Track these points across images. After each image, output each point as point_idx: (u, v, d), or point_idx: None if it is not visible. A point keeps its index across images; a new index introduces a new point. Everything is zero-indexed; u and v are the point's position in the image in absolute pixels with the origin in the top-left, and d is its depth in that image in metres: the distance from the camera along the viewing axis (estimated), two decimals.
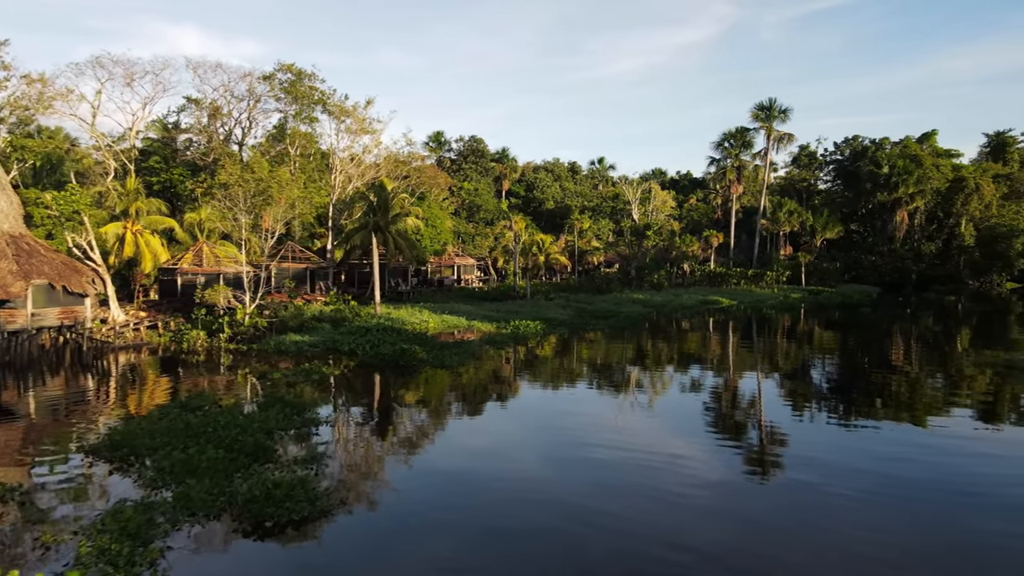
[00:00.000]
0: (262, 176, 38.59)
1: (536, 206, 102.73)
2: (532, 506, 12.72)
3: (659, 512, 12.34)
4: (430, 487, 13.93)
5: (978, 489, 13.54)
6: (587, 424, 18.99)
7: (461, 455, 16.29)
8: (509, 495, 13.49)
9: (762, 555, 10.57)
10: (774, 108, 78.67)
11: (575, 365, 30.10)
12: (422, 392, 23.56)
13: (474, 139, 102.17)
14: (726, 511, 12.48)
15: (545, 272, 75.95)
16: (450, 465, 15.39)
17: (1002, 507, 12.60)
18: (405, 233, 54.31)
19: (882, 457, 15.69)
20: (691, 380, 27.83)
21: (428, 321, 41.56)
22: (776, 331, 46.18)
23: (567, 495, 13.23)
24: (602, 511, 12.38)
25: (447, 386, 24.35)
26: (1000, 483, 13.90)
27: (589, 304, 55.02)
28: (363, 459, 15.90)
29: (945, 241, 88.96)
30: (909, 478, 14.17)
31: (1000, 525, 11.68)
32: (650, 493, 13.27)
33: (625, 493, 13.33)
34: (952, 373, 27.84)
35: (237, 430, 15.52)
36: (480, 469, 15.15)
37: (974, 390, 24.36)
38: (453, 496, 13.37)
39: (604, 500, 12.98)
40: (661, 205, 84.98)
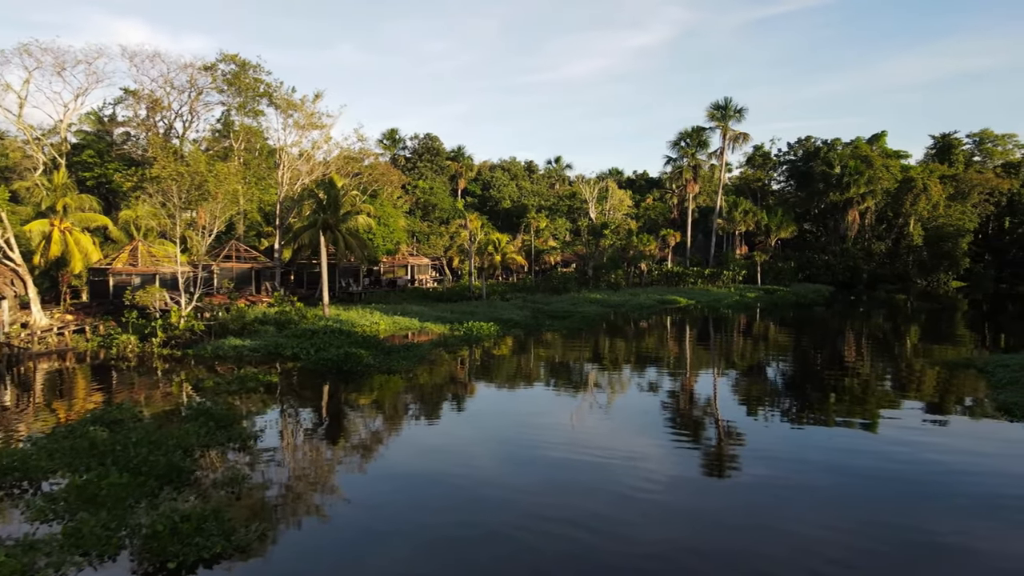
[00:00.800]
0: (199, 169, 36.28)
1: (492, 205, 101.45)
2: (488, 508, 12.43)
3: (616, 510, 12.26)
4: (370, 509, 12.54)
5: (927, 478, 14.21)
6: (542, 429, 17.74)
7: (408, 466, 14.86)
8: (459, 502, 12.65)
9: (717, 551, 10.70)
10: (730, 107, 78.86)
11: (530, 367, 28.86)
12: (366, 400, 22.00)
13: (429, 137, 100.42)
14: (682, 508, 12.60)
15: (502, 272, 74.66)
16: (393, 483, 13.95)
17: (947, 496, 13.24)
18: (356, 232, 52.42)
19: (834, 452, 16.09)
20: (648, 380, 27.12)
21: (379, 323, 39.90)
22: (733, 330, 45.78)
23: (522, 498, 12.94)
24: (560, 511, 12.24)
25: (394, 392, 22.84)
26: (947, 472, 14.67)
27: (546, 304, 53.95)
28: (296, 477, 14.28)
29: (894, 241, 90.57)
30: (860, 472, 14.51)
31: (945, 515, 12.26)
32: (607, 492, 13.19)
33: (582, 493, 13.22)
34: (903, 370, 27.48)
35: (148, 449, 13.79)
36: (429, 478, 13.79)
37: (923, 386, 24.07)
38: (398, 517, 11.96)
39: (561, 500, 12.86)
40: (618, 204, 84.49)
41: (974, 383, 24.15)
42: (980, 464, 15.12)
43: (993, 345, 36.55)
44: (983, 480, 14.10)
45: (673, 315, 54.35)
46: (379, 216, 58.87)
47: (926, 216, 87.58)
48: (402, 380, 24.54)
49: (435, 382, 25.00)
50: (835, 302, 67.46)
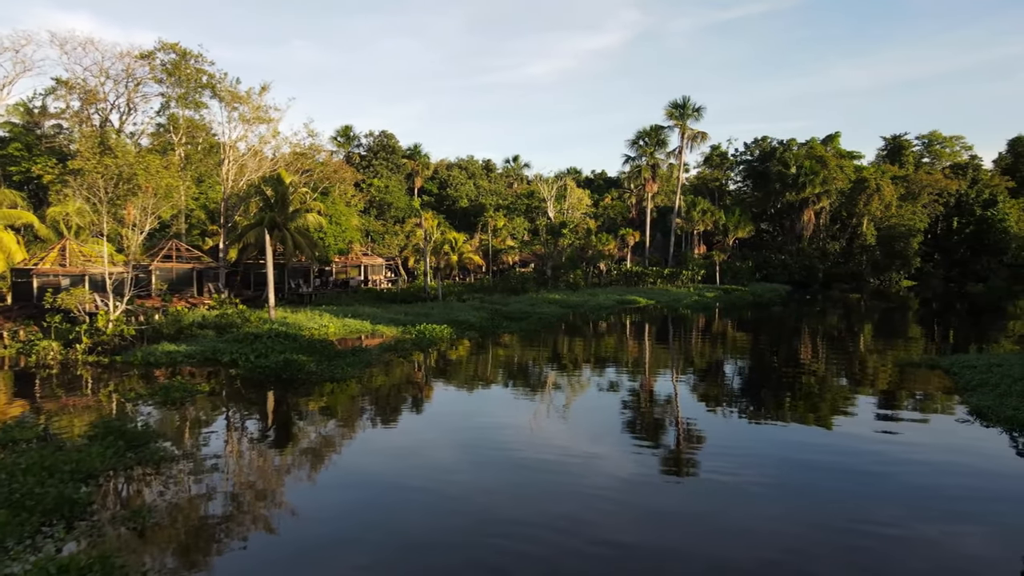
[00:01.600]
0: (127, 161, 33.78)
1: (450, 204, 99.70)
2: (444, 512, 12.11)
3: (578, 509, 12.24)
4: (317, 523, 10.96)
5: (876, 470, 14.53)
6: (496, 435, 16.28)
7: (349, 483, 13.24)
8: (414, 509, 10.88)
9: (675, 545, 10.88)
10: (688, 106, 78.63)
11: (486, 370, 27.36)
12: (305, 411, 20.23)
13: (384, 134, 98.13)
14: (642, 505, 12.63)
15: (459, 272, 73.03)
16: (327, 509, 12.30)
17: (895, 488, 13.49)
18: (306, 231, 50.33)
19: (790, 449, 16.36)
20: (608, 381, 26.12)
21: (328, 326, 37.98)
22: (692, 330, 45.07)
23: (480, 499, 12.77)
24: (520, 512, 12.18)
25: (336, 402, 21.08)
26: (895, 465, 14.92)
27: (503, 305, 52.55)
28: (217, 502, 12.52)
29: (848, 240, 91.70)
30: (815, 468, 14.84)
31: (892, 508, 12.40)
32: (568, 492, 13.19)
33: (542, 493, 13.17)
34: (867, 372, 26.81)
35: (39, 477, 11.89)
36: (377, 493, 12.21)
37: (890, 388, 23.34)
38: (349, 531, 10.37)
39: (521, 501, 12.77)
40: (577, 203, 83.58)
41: (941, 385, 23.51)
42: (956, 468, 14.25)
43: (947, 343, 36.47)
44: (963, 484, 13.60)
45: (632, 315, 53.50)
46: (330, 215, 56.78)
47: (879, 216, 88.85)
48: (346, 388, 22.81)
49: (382, 389, 23.32)
50: (791, 301, 67.65)
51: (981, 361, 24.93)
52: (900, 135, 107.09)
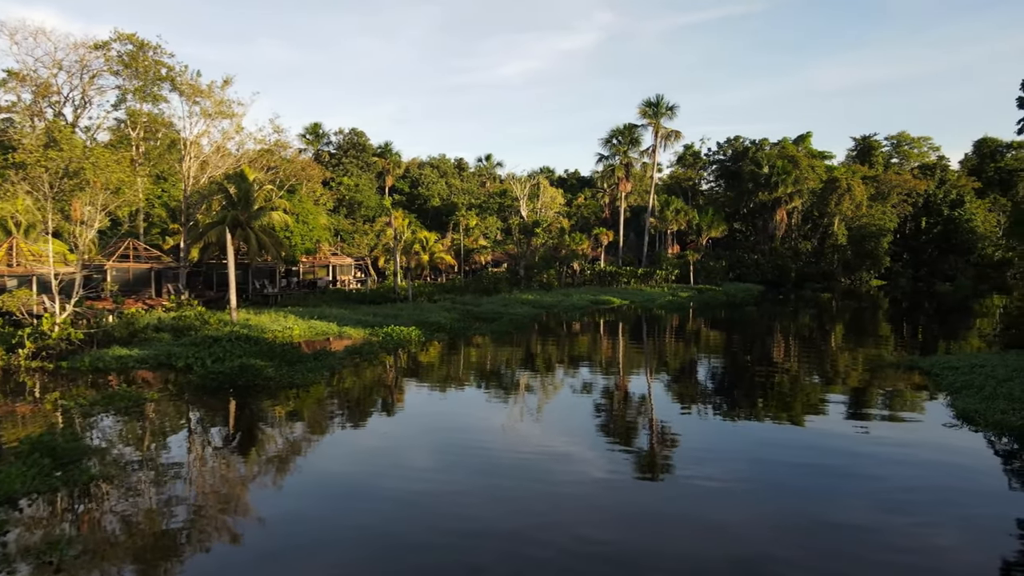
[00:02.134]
0: (74, 155, 31.95)
1: (421, 203, 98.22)
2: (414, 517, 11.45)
3: (548, 509, 12.13)
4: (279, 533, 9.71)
5: (844, 470, 14.51)
6: (465, 445, 15.18)
7: (303, 506, 12.04)
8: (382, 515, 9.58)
9: (647, 542, 10.82)
10: (661, 105, 78.18)
11: (455, 374, 26.19)
12: (257, 421, 18.90)
13: (354, 132, 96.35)
14: (614, 504, 12.55)
15: (430, 272, 71.71)
16: (280, 525, 11.08)
17: (863, 487, 13.39)
18: (271, 229, 48.69)
19: (761, 448, 16.22)
20: (582, 382, 25.41)
21: (293, 328, 36.51)
22: (666, 331, 44.45)
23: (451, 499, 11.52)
24: (491, 511, 12.07)
25: (292, 411, 19.77)
26: (864, 463, 14.87)
27: (475, 306, 51.43)
28: (149, 528, 11.22)
29: (820, 240, 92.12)
30: (785, 467, 14.77)
31: (860, 505, 12.32)
32: (540, 491, 13.06)
33: (513, 495, 12.87)
34: (848, 374, 26.17)
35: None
36: (339, 504, 11.03)
37: (871, 392, 22.76)
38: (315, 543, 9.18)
39: (492, 501, 12.60)
40: (550, 202, 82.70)
41: (924, 388, 22.91)
42: (950, 474, 13.50)
43: (919, 342, 36.23)
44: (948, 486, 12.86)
45: (607, 316, 52.74)
46: (297, 213, 55.13)
47: (850, 216, 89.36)
48: (306, 395, 21.50)
49: (344, 396, 22.04)
50: (765, 301, 67.53)
51: (962, 362, 24.41)
52: (870, 136, 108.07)
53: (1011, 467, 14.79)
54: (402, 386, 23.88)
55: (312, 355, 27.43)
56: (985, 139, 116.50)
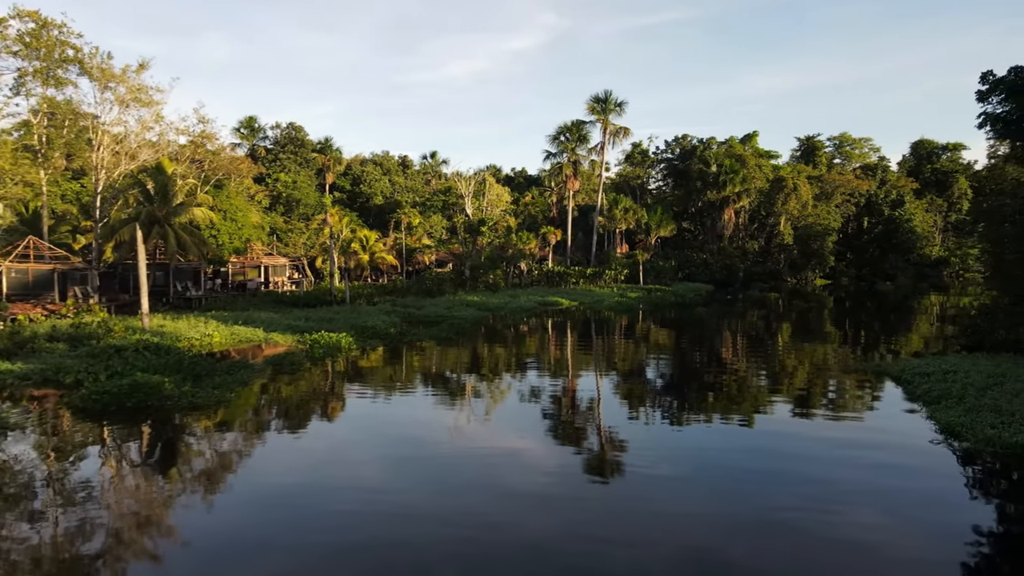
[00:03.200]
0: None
1: (363, 201, 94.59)
2: None
3: (495, 507, 12.10)
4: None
5: (783, 467, 14.44)
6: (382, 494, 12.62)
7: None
8: None
9: (595, 539, 10.73)
10: (610, 101, 76.54)
11: (383, 389, 23.43)
12: (142, 453, 15.85)
13: (292, 127, 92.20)
14: (563, 503, 12.43)
15: (371, 273, 68.45)
16: None
17: (804, 483, 13.42)
18: (193, 227, 44.92)
19: (708, 446, 16.20)
20: (529, 388, 23.58)
21: (213, 335, 33.15)
22: (615, 333, 42.61)
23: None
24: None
25: (182, 442, 16.66)
26: (804, 461, 14.98)
27: (417, 308, 48.65)
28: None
29: (767, 239, 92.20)
30: (729, 464, 14.69)
31: (796, 500, 12.41)
32: (490, 491, 12.92)
33: (461, 495, 12.68)
34: (816, 384, 24.37)
35: None
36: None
37: (844, 403, 20.99)
38: None
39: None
40: (496, 200, 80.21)
41: (895, 396, 21.27)
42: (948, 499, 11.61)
43: (876, 344, 35.18)
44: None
45: (555, 317, 50.61)
46: (225, 210, 51.32)
47: (796, 215, 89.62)
48: (202, 418, 18.34)
49: (245, 419, 18.99)
50: (714, 301, 66.66)
51: (932, 367, 22.87)
52: (813, 136, 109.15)
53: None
54: (323, 405, 20.94)
55: (225, 368, 24.26)
56: (922, 141, 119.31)
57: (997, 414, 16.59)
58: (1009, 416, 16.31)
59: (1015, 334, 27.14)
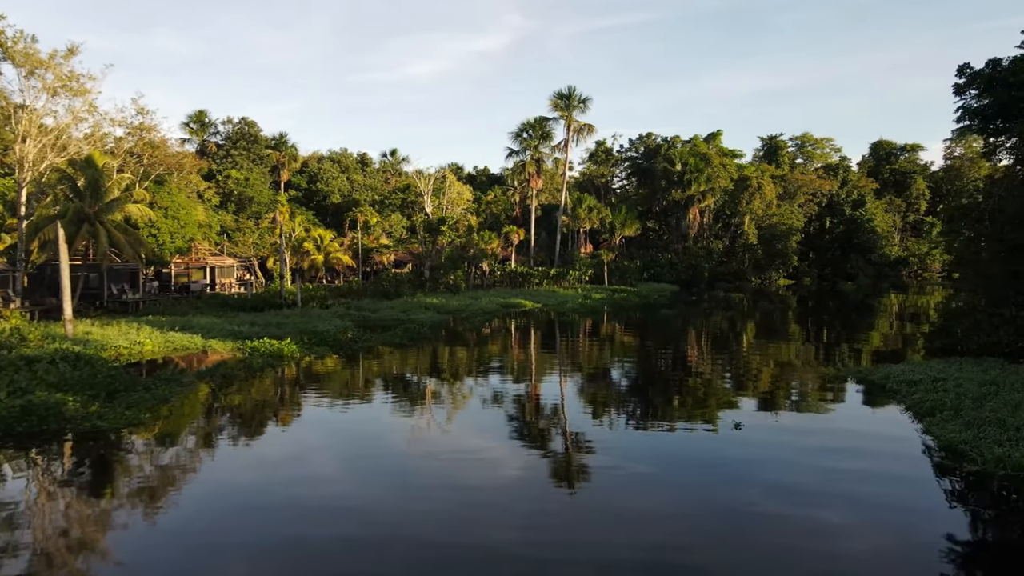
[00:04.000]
0: None
1: (320, 200, 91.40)
2: None
3: (457, 511, 11.73)
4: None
5: (742, 466, 14.33)
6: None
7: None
8: None
9: (558, 542, 10.50)
10: (573, 97, 74.82)
11: (323, 407, 21.13)
12: (37, 488, 13.35)
13: (245, 122, 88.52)
14: (526, 504, 12.21)
15: (326, 274, 65.66)
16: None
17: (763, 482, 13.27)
18: (128, 225, 41.81)
19: (671, 447, 16.20)
20: (492, 393, 22.23)
21: (145, 343, 30.48)
22: (579, 335, 40.87)
23: None
24: None
25: (45, 489, 14.12)
26: (763, 460, 14.86)
27: (373, 311, 46.26)
28: None
29: (731, 239, 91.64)
30: (692, 463, 14.73)
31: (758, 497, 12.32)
32: (451, 494, 12.54)
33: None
34: (802, 394, 22.80)
35: None
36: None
37: (833, 415, 19.38)
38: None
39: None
40: (457, 198, 77.86)
41: (885, 407, 19.73)
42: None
43: (850, 347, 34.02)
44: None
45: (518, 320, 48.66)
46: (166, 207, 48.15)
47: (760, 215, 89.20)
48: (99, 447, 15.79)
49: (154, 448, 16.50)
50: (679, 302, 65.54)
51: (919, 374, 21.43)
52: (776, 135, 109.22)
53: None
54: (250, 429, 18.47)
55: (146, 383, 21.64)
56: (881, 142, 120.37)
57: (1001, 429, 15.03)
58: (1015, 432, 14.76)
59: (996, 337, 26.00)
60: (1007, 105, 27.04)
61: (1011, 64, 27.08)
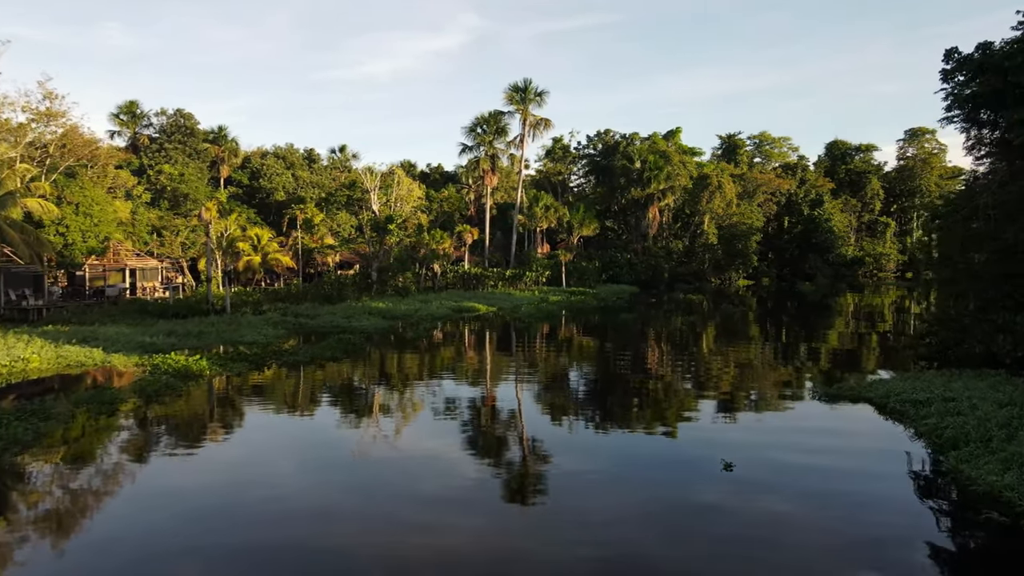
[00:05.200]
0: None
1: (263, 197, 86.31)
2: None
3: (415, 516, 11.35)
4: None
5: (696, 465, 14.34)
6: None
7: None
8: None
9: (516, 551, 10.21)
10: (529, 90, 71.58)
11: (219, 444, 17.39)
12: None
13: (181, 114, 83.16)
14: (484, 506, 12.04)
15: (265, 276, 61.17)
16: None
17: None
18: (30, 222, 37.04)
19: (626, 449, 16.01)
20: (444, 400, 18.49)
21: (31, 359, 26.36)
22: (535, 340, 37.70)
23: None
24: None
25: None
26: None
27: (312, 317, 42.35)
28: None
29: (691, 239, 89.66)
30: (647, 462, 14.60)
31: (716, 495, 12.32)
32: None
33: None
34: (802, 419, 19.71)
35: None
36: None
37: (839, 447, 16.32)
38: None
39: None
40: (406, 195, 73.88)
41: (894, 435, 16.83)
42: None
43: (829, 356, 31.58)
44: None
45: (470, 325, 45.22)
46: (77, 203, 43.28)
47: (720, 214, 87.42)
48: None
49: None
50: (639, 304, 63.05)
51: (924, 391, 18.62)
52: (735, 134, 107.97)
53: None
54: (106, 486, 14.46)
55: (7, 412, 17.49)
56: (836, 142, 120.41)
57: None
58: None
59: (994, 346, 23.56)
60: (1001, 92, 24.69)
61: (1006, 47, 24.74)
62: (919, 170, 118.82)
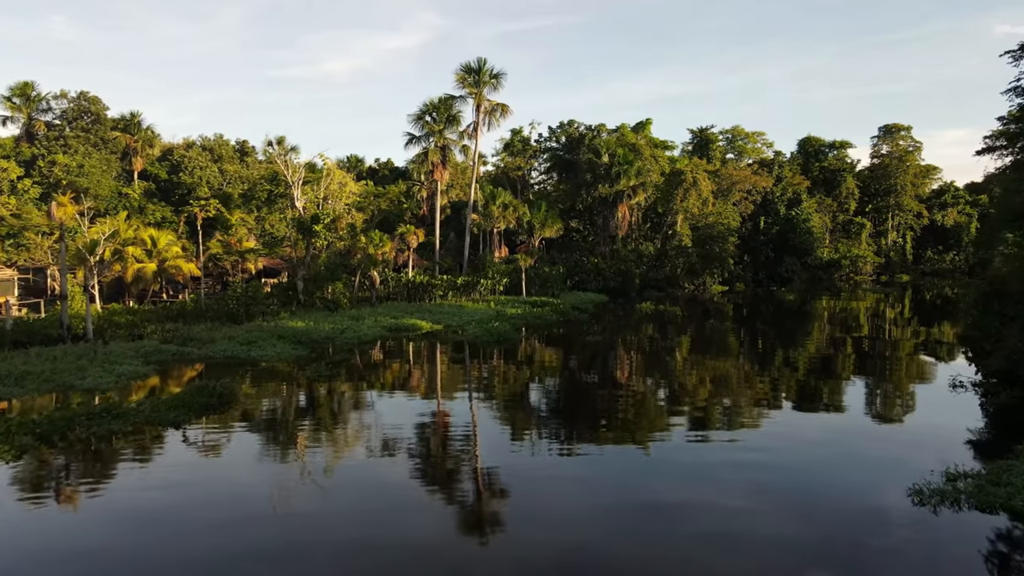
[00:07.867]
0: None
1: (184, 194, 75.90)
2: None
3: None
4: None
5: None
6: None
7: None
8: None
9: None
10: (484, 72, 62.71)
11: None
12: None
13: (85, 97, 72.55)
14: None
15: (168, 288, 51.40)
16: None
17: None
18: None
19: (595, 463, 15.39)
20: None
21: None
22: (482, 368, 29.03)
23: None
24: None
25: None
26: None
27: (204, 343, 33.23)
28: None
29: (663, 241, 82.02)
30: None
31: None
32: None
33: None
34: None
35: None
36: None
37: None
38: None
39: None
40: (338, 190, 64.45)
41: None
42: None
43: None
44: None
45: (416, 343, 36.48)
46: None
47: (696, 213, 79.94)
48: None
49: None
50: (607, 313, 55.26)
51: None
52: (707, 127, 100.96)
53: None
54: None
55: None
56: (809, 138, 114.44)
57: None
58: None
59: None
60: None
61: None
62: (894, 168, 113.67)
